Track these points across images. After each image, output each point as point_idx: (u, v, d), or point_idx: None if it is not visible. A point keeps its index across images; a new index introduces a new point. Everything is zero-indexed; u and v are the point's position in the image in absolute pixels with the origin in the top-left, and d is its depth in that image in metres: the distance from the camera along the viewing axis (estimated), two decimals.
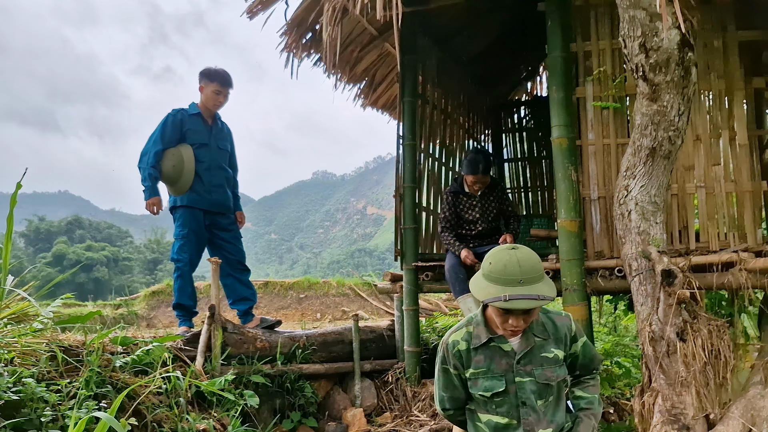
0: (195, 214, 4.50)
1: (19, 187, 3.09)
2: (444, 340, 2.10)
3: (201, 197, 4.50)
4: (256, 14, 4.73)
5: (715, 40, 4.15)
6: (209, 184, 4.53)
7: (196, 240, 4.53)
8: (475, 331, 2.06)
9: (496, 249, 1.96)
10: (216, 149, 4.62)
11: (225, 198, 4.67)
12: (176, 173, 4.43)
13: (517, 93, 8.18)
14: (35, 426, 2.57)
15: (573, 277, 4.05)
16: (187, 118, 4.52)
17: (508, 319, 1.93)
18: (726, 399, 3.41)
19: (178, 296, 4.54)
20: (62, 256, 43.20)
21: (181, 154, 4.45)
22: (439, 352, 2.10)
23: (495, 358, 2.04)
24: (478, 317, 2.09)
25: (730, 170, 4.12)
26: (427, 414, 4.47)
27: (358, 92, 6.16)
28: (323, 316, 10.66)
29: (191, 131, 4.51)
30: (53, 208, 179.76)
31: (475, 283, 1.95)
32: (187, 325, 4.56)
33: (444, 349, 2.09)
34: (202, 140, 4.54)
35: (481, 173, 4.60)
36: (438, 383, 2.15)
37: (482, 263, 1.96)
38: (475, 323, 2.08)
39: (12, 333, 3.16)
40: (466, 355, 2.05)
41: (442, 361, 2.10)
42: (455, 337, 2.08)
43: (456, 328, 2.12)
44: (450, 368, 2.08)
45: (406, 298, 4.99)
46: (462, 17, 5.71)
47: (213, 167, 4.57)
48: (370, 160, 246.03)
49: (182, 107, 4.59)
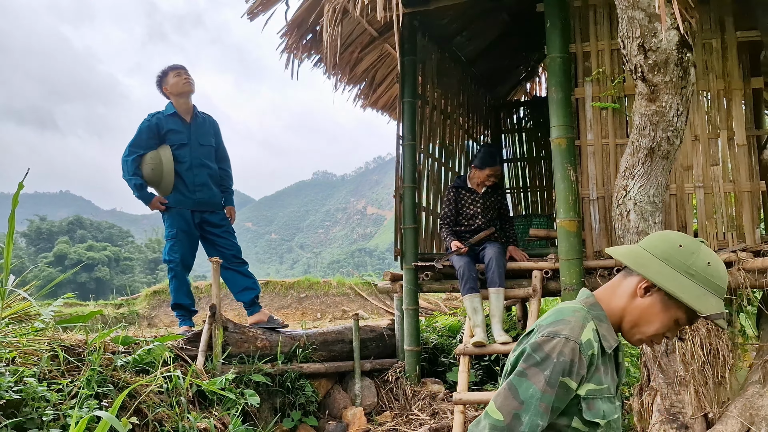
0: (182, 214, 4.47)
1: (21, 187, 3.10)
2: (567, 338, 1.38)
3: (185, 197, 4.48)
4: (257, 15, 4.75)
5: (713, 41, 4.17)
6: (192, 184, 4.48)
7: (187, 239, 4.51)
8: (602, 330, 1.46)
9: (708, 250, 1.45)
10: (197, 146, 4.54)
11: (211, 195, 4.60)
12: (156, 176, 4.41)
13: (517, 93, 8.20)
14: (36, 425, 2.58)
15: (572, 276, 4.07)
16: (164, 120, 4.46)
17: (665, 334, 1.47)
18: (724, 398, 3.43)
19: (174, 296, 4.56)
20: (63, 256, 43.26)
21: (160, 156, 4.41)
22: (558, 356, 1.36)
23: (609, 372, 1.48)
24: (596, 311, 1.49)
25: (728, 170, 4.14)
26: (427, 413, 4.49)
27: (358, 93, 6.18)
28: (323, 316, 10.68)
29: (170, 132, 4.45)
30: (54, 208, 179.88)
31: (687, 287, 1.41)
32: (188, 324, 4.57)
33: (572, 352, 1.36)
34: (180, 140, 4.47)
35: (498, 165, 4.75)
36: (533, 404, 1.34)
37: (696, 261, 1.42)
38: (597, 318, 1.47)
39: (14, 332, 3.18)
40: (594, 363, 1.42)
41: (563, 370, 1.35)
42: (588, 335, 1.41)
43: (576, 321, 1.42)
44: (572, 382, 1.36)
45: (406, 297, 5.00)
46: (462, 17, 5.73)
47: (195, 166, 4.50)
48: (370, 160, 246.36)
49: (159, 110, 4.56)
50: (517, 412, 1.34)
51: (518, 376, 1.38)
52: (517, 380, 1.37)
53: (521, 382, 1.36)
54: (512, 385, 1.37)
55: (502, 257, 4.41)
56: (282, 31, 5.00)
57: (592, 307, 1.50)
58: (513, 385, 1.37)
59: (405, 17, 4.74)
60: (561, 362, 1.35)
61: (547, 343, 1.37)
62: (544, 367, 1.35)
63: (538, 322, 1.47)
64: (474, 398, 4.09)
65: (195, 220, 4.52)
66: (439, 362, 5.45)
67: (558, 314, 1.45)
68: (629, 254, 1.49)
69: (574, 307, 1.48)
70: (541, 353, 1.36)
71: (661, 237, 1.50)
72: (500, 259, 4.37)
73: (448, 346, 5.68)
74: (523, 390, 1.35)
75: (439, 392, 4.73)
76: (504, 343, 4.19)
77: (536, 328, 1.45)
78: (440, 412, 4.41)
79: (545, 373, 1.35)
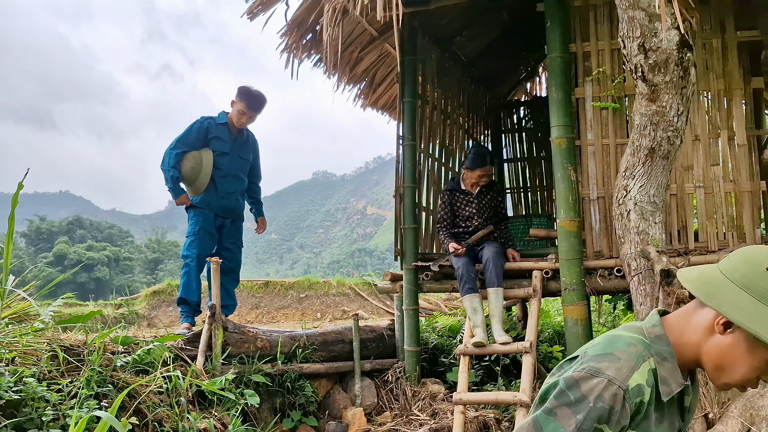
0: (207, 215, 4.65)
1: (20, 187, 3.09)
2: (610, 381, 1.13)
3: (214, 201, 4.66)
4: (257, 15, 4.75)
5: (714, 41, 4.17)
6: (223, 191, 4.68)
7: (207, 239, 4.67)
8: (662, 372, 1.19)
9: None
10: (237, 159, 4.77)
11: (236, 205, 4.82)
12: (194, 174, 4.60)
13: (517, 93, 8.20)
14: (36, 425, 2.58)
15: (572, 276, 4.06)
16: (214, 127, 4.69)
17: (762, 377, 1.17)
18: (725, 398, 3.42)
19: (183, 291, 4.63)
20: (63, 256, 43.28)
21: (201, 157, 4.62)
22: (595, 401, 1.12)
23: (666, 419, 1.22)
24: (661, 345, 1.21)
25: (728, 170, 4.14)
26: (427, 413, 4.48)
27: (358, 93, 6.17)
28: (323, 316, 10.69)
29: (215, 139, 4.67)
30: (54, 208, 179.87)
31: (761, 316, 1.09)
32: (189, 321, 4.60)
33: (613, 399, 1.12)
34: (223, 149, 4.69)
35: (489, 164, 4.72)
36: None
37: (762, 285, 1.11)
38: (659, 356, 1.20)
39: (13, 332, 3.17)
40: (641, 411, 1.17)
41: (600, 417, 1.11)
42: (638, 379, 1.15)
43: (628, 359, 1.17)
44: (609, 430, 1.13)
45: (406, 297, 5.00)
46: (462, 17, 5.73)
47: (230, 176, 4.71)
48: (370, 160, 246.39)
49: (212, 115, 4.77)
50: None
51: (546, 414, 1.15)
52: (544, 418, 1.15)
53: (548, 421, 1.14)
54: (538, 423, 1.15)
55: (500, 257, 4.41)
56: (282, 30, 5.00)
57: (657, 341, 1.21)
58: (539, 423, 1.15)
59: (405, 17, 4.74)
60: (598, 408, 1.10)
61: (586, 381, 1.13)
62: (578, 410, 1.11)
63: (585, 349, 1.23)
64: (474, 398, 4.08)
65: (216, 223, 4.70)
66: (439, 362, 5.45)
67: (609, 344, 1.20)
68: (700, 280, 1.18)
69: (630, 339, 1.21)
70: (577, 392, 1.13)
71: (743, 257, 1.16)
72: (497, 259, 4.36)
73: (448, 347, 5.67)
74: (548, 430, 1.13)
75: (439, 392, 4.72)
76: (504, 344, 4.19)
77: (581, 355, 1.21)
78: (440, 413, 4.40)
79: (577, 417, 1.11)
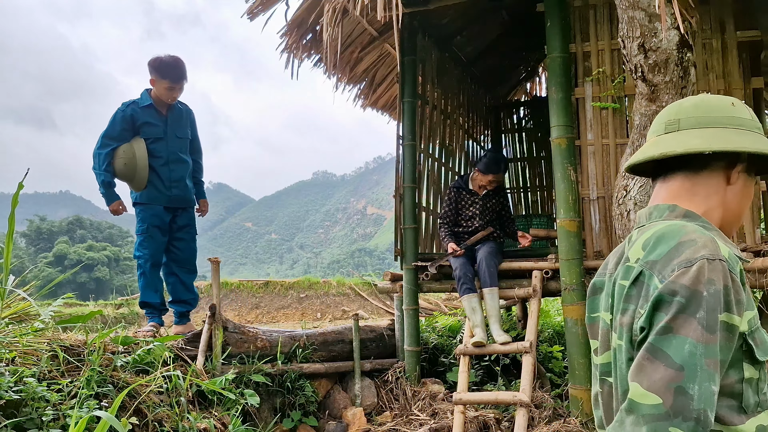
0: (155, 210, 4.30)
1: (21, 187, 3.09)
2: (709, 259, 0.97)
3: (160, 193, 4.29)
4: (257, 15, 4.75)
5: (713, 41, 4.17)
6: (168, 179, 4.30)
7: (159, 235, 4.33)
8: (721, 241, 1.06)
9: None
10: (174, 139, 4.34)
11: (186, 192, 4.45)
12: (129, 171, 4.19)
13: (517, 93, 8.20)
14: (36, 425, 2.58)
15: (572, 276, 4.07)
16: (139, 112, 4.22)
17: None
18: None
19: (141, 293, 4.37)
20: (63, 256, 43.27)
21: (133, 149, 4.18)
22: (707, 287, 0.95)
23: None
24: (698, 221, 1.11)
25: None
26: (427, 413, 4.48)
27: (358, 93, 6.18)
28: (323, 316, 10.69)
29: (145, 125, 4.23)
30: (54, 208, 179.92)
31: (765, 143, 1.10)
32: (156, 321, 4.39)
33: (723, 275, 0.97)
34: (156, 134, 4.26)
35: (502, 172, 4.79)
36: (697, 366, 0.92)
37: (750, 112, 1.16)
38: (715, 231, 1.11)
39: (13, 332, 3.18)
40: (746, 282, 1.03)
41: (719, 305, 0.95)
42: (725, 248, 1.02)
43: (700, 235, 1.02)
44: (733, 316, 0.96)
45: (406, 297, 5.00)
46: (462, 17, 5.73)
47: (171, 161, 4.31)
48: (370, 160, 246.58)
49: (133, 99, 4.31)
50: (678, 384, 0.91)
51: (661, 335, 0.94)
52: (661, 341, 0.94)
53: (668, 341, 0.93)
54: (656, 350, 0.94)
55: (494, 257, 4.42)
56: (282, 30, 5.01)
57: (689, 217, 1.12)
58: (658, 350, 0.94)
59: (405, 17, 4.74)
60: (713, 293, 0.94)
61: (685, 275, 0.96)
62: (694, 308, 0.94)
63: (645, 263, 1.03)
64: (474, 398, 4.08)
65: (166, 217, 4.36)
66: (439, 362, 5.45)
67: (669, 237, 1.04)
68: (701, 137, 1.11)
69: (677, 223, 1.08)
70: (684, 291, 0.95)
71: (706, 105, 1.16)
72: (491, 259, 4.38)
73: (448, 346, 5.67)
74: (675, 350, 0.92)
75: (439, 392, 4.73)
76: (504, 343, 4.19)
77: (647, 270, 1.02)
78: (440, 413, 4.40)
79: (698, 316, 0.93)
